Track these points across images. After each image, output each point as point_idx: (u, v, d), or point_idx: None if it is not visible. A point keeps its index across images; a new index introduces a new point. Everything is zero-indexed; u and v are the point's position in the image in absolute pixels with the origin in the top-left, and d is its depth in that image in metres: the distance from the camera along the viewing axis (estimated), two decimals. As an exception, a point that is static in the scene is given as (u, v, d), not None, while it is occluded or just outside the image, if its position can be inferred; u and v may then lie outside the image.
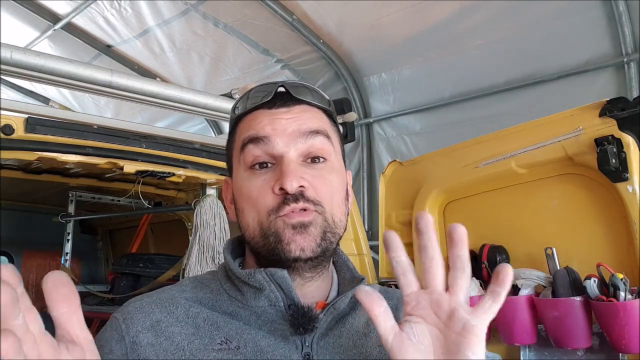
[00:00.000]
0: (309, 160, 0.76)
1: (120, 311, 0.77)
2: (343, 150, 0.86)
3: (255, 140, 0.76)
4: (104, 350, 0.73)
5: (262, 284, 0.73)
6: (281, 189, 0.72)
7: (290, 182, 0.71)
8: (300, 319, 0.72)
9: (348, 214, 0.83)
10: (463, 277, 0.60)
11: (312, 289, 0.78)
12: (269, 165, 0.75)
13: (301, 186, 0.73)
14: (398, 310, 0.86)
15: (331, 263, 0.83)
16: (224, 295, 0.79)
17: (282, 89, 0.79)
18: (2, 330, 0.43)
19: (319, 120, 0.79)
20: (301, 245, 0.72)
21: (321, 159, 0.77)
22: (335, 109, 0.85)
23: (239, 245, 0.85)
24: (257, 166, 0.76)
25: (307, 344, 0.73)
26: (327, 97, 0.83)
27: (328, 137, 0.79)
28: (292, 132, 0.75)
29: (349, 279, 0.83)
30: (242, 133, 0.79)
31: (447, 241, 0.61)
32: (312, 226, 0.73)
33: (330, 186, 0.77)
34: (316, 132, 0.77)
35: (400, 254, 0.63)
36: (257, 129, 0.76)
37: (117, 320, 0.76)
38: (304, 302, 0.74)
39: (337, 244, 0.80)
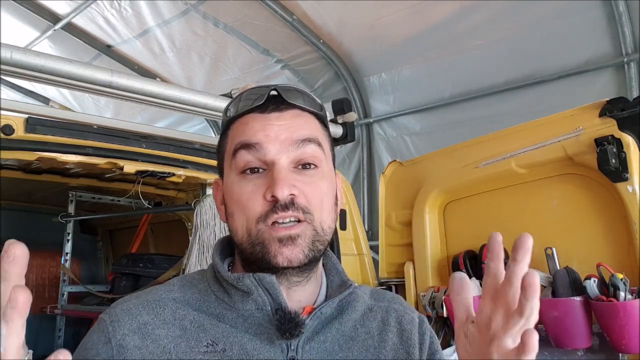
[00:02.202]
0: (300, 167, 0.76)
1: (108, 312, 0.77)
2: (333, 155, 0.86)
3: (247, 146, 0.76)
4: (90, 352, 0.73)
5: (250, 288, 0.74)
6: (272, 196, 0.72)
7: (281, 190, 0.72)
8: (286, 324, 0.72)
9: (337, 218, 0.83)
10: (517, 322, 0.62)
11: (299, 293, 0.79)
12: (260, 170, 0.75)
13: (292, 194, 0.73)
14: (389, 312, 0.86)
15: (320, 266, 0.83)
16: (211, 296, 0.79)
17: (274, 93, 0.79)
18: None
19: (310, 126, 0.79)
20: (288, 257, 0.72)
21: (312, 166, 0.77)
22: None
23: (229, 245, 0.85)
24: (248, 171, 0.76)
25: (292, 347, 0.74)
26: (319, 102, 0.83)
27: (319, 144, 0.79)
28: (284, 139, 0.75)
29: (337, 284, 0.84)
30: (234, 137, 0.79)
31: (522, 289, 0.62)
32: (300, 238, 0.73)
33: (320, 193, 0.77)
34: (308, 140, 0.77)
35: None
36: (249, 135, 0.76)
37: (105, 322, 0.75)
38: (291, 306, 0.75)
39: (326, 249, 0.80)
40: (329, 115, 2.02)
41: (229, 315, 0.76)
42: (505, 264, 1.95)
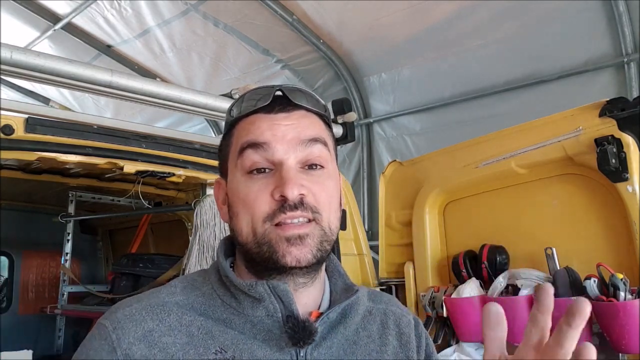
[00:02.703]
0: (306, 167, 0.76)
1: (109, 318, 0.73)
2: (337, 156, 0.86)
3: (254, 145, 0.75)
4: None
5: (263, 295, 0.73)
6: (282, 196, 0.72)
7: (291, 190, 0.71)
8: (300, 333, 0.71)
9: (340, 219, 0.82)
10: None
11: (305, 296, 0.78)
12: (267, 170, 0.75)
13: (301, 193, 0.73)
14: (387, 315, 0.86)
15: (323, 268, 0.83)
16: (217, 300, 0.77)
17: (279, 93, 0.79)
18: None
19: (316, 126, 0.79)
20: (297, 257, 0.72)
21: (319, 167, 0.77)
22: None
23: (231, 245, 0.84)
24: (255, 171, 0.75)
25: (301, 354, 0.73)
26: (323, 102, 0.83)
27: (325, 144, 0.78)
28: (292, 138, 0.75)
29: (341, 288, 0.83)
30: (241, 137, 0.78)
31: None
32: (308, 238, 0.73)
33: (328, 192, 0.77)
34: (315, 140, 0.77)
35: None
36: (257, 134, 0.76)
37: (106, 328, 0.72)
38: (302, 313, 0.74)
39: (332, 249, 0.80)
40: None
41: (236, 320, 0.74)
42: (503, 263, 1.94)
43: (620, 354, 1.45)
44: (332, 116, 2.14)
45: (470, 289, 1.76)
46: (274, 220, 0.72)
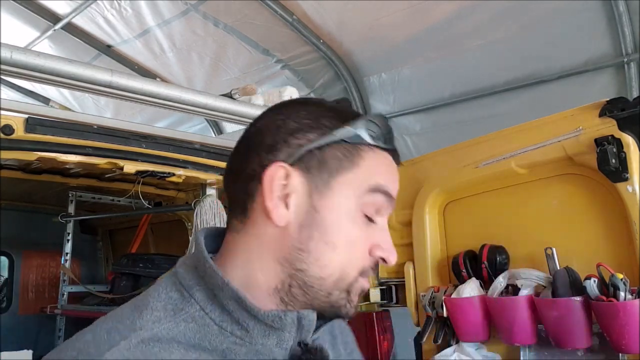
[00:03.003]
0: None
1: None
2: None
3: (387, 195, 0.71)
4: None
5: (286, 326, 0.64)
6: (382, 258, 0.70)
7: (394, 259, 0.71)
8: None
9: None
10: None
11: None
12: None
13: None
14: (332, 324, 0.78)
15: None
16: (212, 327, 0.63)
17: None
18: None
19: None
20: (355, 308, 0.71)
21: None
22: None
23: (214, 240, 0.73)
24: (366, 217, 0.70)
25: None
26: None
27: None
28: None
29: None
30: (377, 173, 0.71)
31: None
32: None
33: None
34: None
35: None
36: (389, 183, 0.72)
37: None
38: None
39: None
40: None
41: (238, 350, 0.63)
42: (502, 263, 1.94)
43: (620, 354, 1.45)
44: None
45: (470, 289, 1.76)
46: (364, 275, 0.70)
